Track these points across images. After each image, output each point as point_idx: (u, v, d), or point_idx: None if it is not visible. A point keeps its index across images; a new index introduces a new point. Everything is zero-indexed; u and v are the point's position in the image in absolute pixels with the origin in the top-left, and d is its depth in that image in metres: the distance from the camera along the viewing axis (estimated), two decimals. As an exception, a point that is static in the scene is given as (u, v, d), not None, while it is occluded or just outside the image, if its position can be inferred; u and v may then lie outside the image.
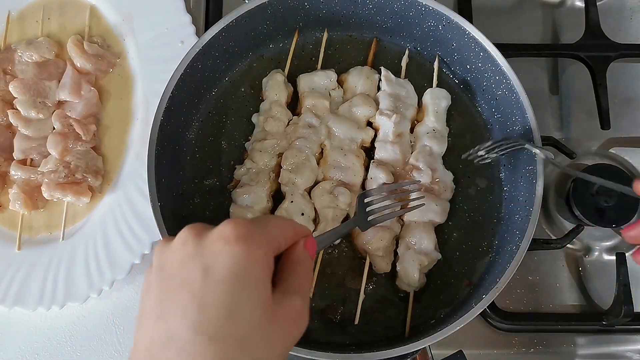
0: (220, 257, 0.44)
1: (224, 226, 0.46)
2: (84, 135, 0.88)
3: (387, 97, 0.83)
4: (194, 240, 0.46)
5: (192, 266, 0.45)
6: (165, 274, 0.46)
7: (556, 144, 0.86)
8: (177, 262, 0.46)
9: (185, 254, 0.46)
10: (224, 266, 0.44)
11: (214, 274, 0.44)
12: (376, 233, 0.78)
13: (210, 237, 0.46)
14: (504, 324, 0.84)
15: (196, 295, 0.43)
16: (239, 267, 0.44)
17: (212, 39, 0.80)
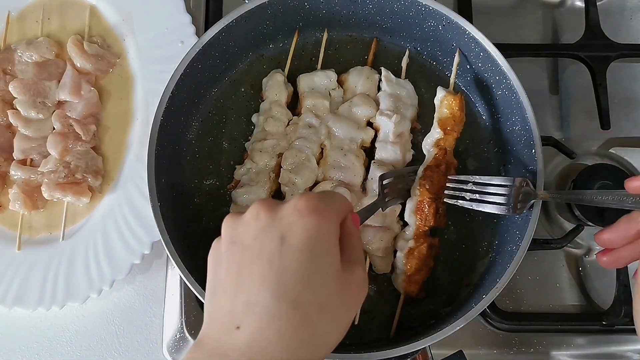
0: (295, 228, 0.47)
1: (297, 200, 0.48)
2: (84, 135, 0.88)
3: (387, 97, 0.83)
4: (267, 214, 0.48)
5: (268, 237, 0.47)
6: (239, 246, 0.48)
7: (556, 144, 0.86)
8: (251, 235, 0.48)
9: (259, 226, 0.48)
10: (299, 236, 0.46)
11: (290, 243, 0.46)
12: (376, 233, 0.78)
13: (284, 210, 0.48)
14: (504, 324, 0.84)
15: (274, 263, 0.46)
16: (314, 237, 0.47)
17: (212, 39, 0.80)
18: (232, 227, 0.50)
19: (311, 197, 0.49)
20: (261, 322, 0.44)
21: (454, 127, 0.80)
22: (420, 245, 0.77)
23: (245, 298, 0.46)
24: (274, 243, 0.46)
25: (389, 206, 0.77)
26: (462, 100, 0.80)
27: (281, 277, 0.45)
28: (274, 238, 0.47)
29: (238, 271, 0.47)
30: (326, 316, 0.46)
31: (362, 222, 0.63)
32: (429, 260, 0.77)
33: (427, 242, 0.77)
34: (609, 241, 0.62)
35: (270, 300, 0.45)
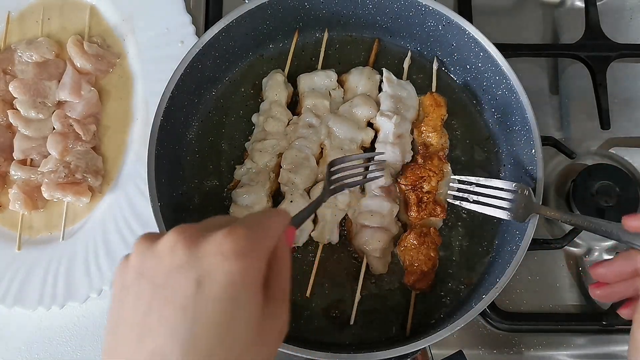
0: (217, 273, 0.41)
1: (222, 238, 0.42)
2: (84, 135, 0.88)
3: (388, 98, 0.83)
4: (185, 249, 0.42)
5: (184, 278, 0.41)
6: (149, 282, 0.42)
7: (556, 144, 0.86)
8: (164, 271, 0.42)
9: (174, 263, 0.42)
10: (220, 284, 0.40)
11: (208, 289, 0.40)
12: (374, 234, 0.78)
13: (206, 248, 0.42)
14: (504, 324, 0.84)
15: (187, 311, 0.40)
16: (237, 285, 0.41)
17: (212, 39, 0.80)
18: (143, 257, 0.43)
19: (239, 237, 0.42)
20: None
21: (429, 123, 0.83)
22: (407, 236, 0.78)
23: (152, 348, 0.40)
24: (190, 286, 0.40)
25: (334, 194, 0.74)
26: (432, 98, 0.83)
27: (194, 329, 0.39)
28: (190, 280, 0.40)
29: (146, 312, 0.41)
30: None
31: (299, 225, 0.58)
32: (427, 251, 0.77)
33: (417, 231, 0.78)
34: (604, 276, 0.61)
35: (178, 355, 0.39)
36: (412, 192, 0.79)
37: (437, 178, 0.79)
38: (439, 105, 0.83)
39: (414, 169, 0.80)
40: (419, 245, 0.77)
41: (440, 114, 0.83)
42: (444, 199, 0.81)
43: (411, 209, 0.79)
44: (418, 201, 0.79)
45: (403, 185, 0.80)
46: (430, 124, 0.83)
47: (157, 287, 0.41)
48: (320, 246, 0.80)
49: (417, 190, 0.79)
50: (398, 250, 0.80)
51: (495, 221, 0.82)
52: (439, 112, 0.83)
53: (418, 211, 0.79)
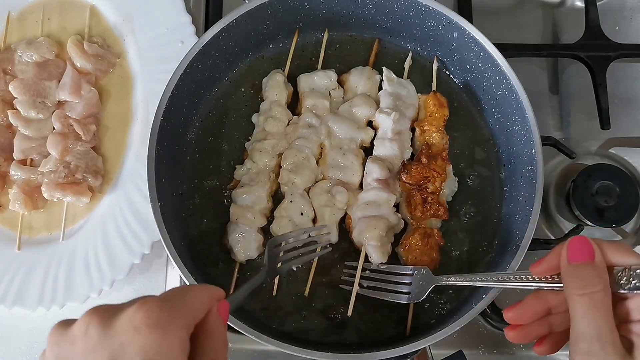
0: (129, 349, 0.39)
1: (135, 311, 0.40)
2: (84, 135, 0.88)
3: (388, 96, 0.83)
4: (97, 329, 0.41)
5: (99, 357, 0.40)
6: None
7: (556, 144, 0.86)
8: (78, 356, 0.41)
9: (88, 346, 0.40)
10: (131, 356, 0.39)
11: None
12: (369, 222, 0.77)
13: (118, 325, 0.40)
14: (504, 324, 0.83)
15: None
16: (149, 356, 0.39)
17: (212, 39, 0.80)
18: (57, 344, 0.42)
19: (152, 308, 0.40)
20: None
21: (432, 123, 0.82)
22: (411, 236, 0.78)
23: None
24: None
25: (282, 272, 0.72)
26: (435, 97, 0.83)
27: None
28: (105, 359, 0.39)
29: None
30: None
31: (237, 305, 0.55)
32: (430, 252, 0.77)
33: (421, 232, 0.78)
34: (517, 319, 0.60)
35: None
36: (417, 191, 0.79)
37: (441, 179, 0.79)
38: (442, 106, 0.83)
39: (419, 168, 0.80)
40: (422, 246, 0.77)
41: (443, 114, 0.83)
42: (445, 200, 0.81)
43: (416, 208, 0.79)
44: (423, 201, 0.79)
45: (408, 184, 0.80)
46: (434, 124, 0.83)
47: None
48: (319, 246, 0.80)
49: (422, 190, 0.79)
50: (401, 249, 0.79)
51: (495, 221, 0.82)
52: (441, 112, 0.83)
53: (423, 211, 0.78)
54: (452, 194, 0.82)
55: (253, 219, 0.78)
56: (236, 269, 0.79)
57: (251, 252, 0.79)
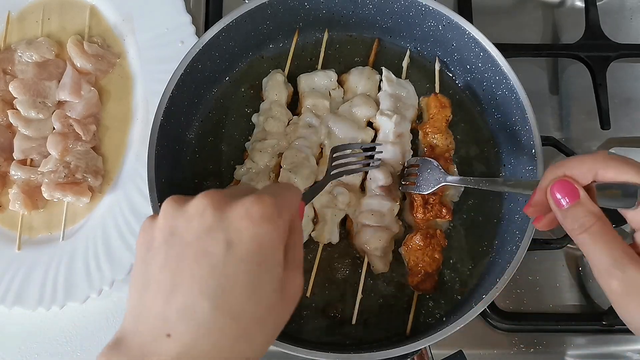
0: (245, 235, 0.43)
1: (251, 203, 0.44)
2: (84, 135, 0.88)
3: (387, 97, 0.83)
4: (214, 213, 0.44)
5: (213, 239, 0.43)
6: (179, 241, 0.44)
7: (556, 144, 0.86)
8: (194, 231, 0.44)
9: (204, 225, 0.44)
10: (248, 246, 0.43)
11: (237, 250, 0.43)
12: (375, 233, 0.78)
13: (234, 212, 0.44)
14: (504, 324, 0.84)
15: (217, 269, 0.42)
16: (264, 248, 0.44)
17: (212, 39, 0.80)
18: (173, 217, 0.46)
19: (267, 203, 0.44)
20: (197, 332, 0.41)
21: (435, 124, 0.82)
22: (413, 236, 0.78)
23: (181, 303, 0.41)
24: (220, 247, 0.43)
25: (335, 178, 0.76)
26: (436, 99, 0.83)
27: (223, 286, 0.42)
28: (220, 241, 0.43)
29: (175, 269, 0.43)
30: (263, 330, 0.44)
31: (308, 202, 0.61)
32: (432, 252, 0.77)
33: (423, 232, 0.78)
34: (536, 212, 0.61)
35: (209, 310, 0.41)
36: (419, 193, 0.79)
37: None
38: (443, 107, 0.83)
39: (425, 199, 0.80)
40: (424, 247, 0.77)
41: (445, 115, 0.82)
42: (450, 201, 0.81)
43: (417, 210, 0.79)
44: (424, 203, 0.79)
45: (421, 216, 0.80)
46: (436, 126, 0.82)
47: (187, 247, 0.43)
48: (320, 246, 0.80)
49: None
50: (403, 250, 0.80)
51: (495, 221, 0.82)
52: (443, 113, 0.82)
53: (424, 212, 0.78)
54: (458, 194, 0.82)
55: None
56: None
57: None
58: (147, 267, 0.45)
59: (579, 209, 0.52)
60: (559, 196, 0.54)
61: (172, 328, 0.41)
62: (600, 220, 0.52)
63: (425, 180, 0.78)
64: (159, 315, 0.42)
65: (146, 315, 0.43)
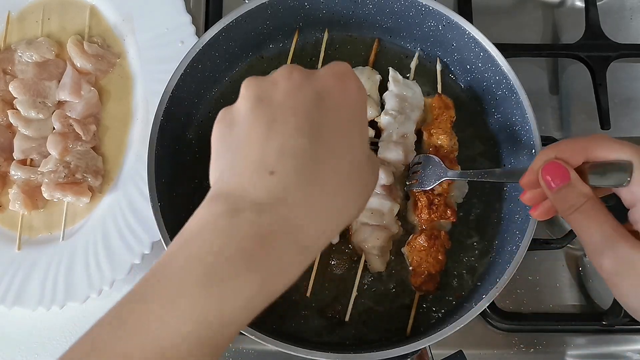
0: (333, 89, 0.44)
1: (333, 65, 0.46)
2: (84, 135, 0.88)
3: (393, 97, 0.83)
4: (301, 74, 0.45)
5: (304, 94, 0.43)
6: (267, 102, 0.44)
7: (556, 144, 0.86)
8: (283, 92, 0.44)
9: (292, 84, 0.44)
10: (338, 97, 0.44)
11: (328, 101, 0.43)
12: (373, 232, 0.78)
13: (320, 72, 0.45)
14: (504, 324, 0.84)
15: (311, 115, 0.42)
16: (350, 100, 0.45)
17: (212, 39, 0.80)
18: (257, 86, 0.46)
19: (347, 65, 0.47)
20: (298, 165, 0.40)
21: (439, 125, 0.82)
22: (418, 237, 0.78)
23: (279, 144, 0.41)
24: (311, 99, 0.43)
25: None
26: (440, 100, 0.83)
27: (320, 127, 0.42)
28: (311, 95, 0.43)
29: (269, 123, 0.42)
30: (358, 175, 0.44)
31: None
32: (436, 253, 0.77)
33: (427, 233, 0.78)
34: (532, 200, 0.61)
35: (308, 145, 0.41)
36: (424, 193, 0.79)
37: (448, 181, 0.79)
38: (447, 107, 0.82)
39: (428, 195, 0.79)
40: (428, 248, 0.77)
41: (450, 115, 0.82)
42: (454, 202, 0.81)
43: (422, 211, 0.78)
44: (429, 203, 0.78)
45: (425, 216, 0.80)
46: (441, 127, 0.82)
47: (278, 105, 0.43)
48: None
49: (428, 193, 0.79)
50: (407, 250, 0.79)
51: (495, 221, 0.82)
52: (448, 114, 0.82)
53: (429, 213, 0.78)
54: (462, 195, 0.82)
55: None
56: (236, 269, 0.79)
57: (251, 252, 0.78)
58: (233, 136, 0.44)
59: (569, 190, 0.53)
60: (549, 178, 0.54)
61: (273, 166, 0.40)
62: (590, 200, 0.52)
63: (427, 176, 0.78)
64: (257, 159, 0.41)
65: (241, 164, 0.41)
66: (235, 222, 0.38)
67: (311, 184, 0.40)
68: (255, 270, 0.37)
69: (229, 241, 0.37)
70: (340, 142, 0.43)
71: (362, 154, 0.45)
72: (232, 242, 0.37)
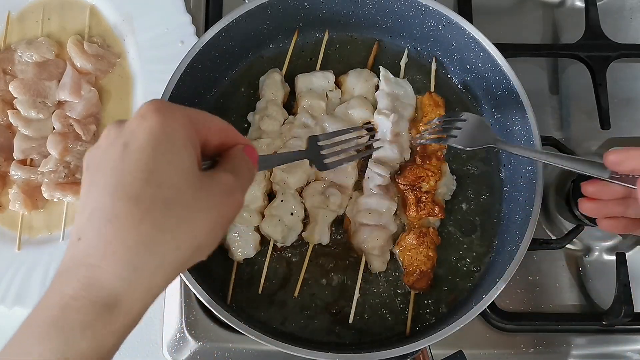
0: (138, 131, 0.45)
1: (141, 106, 0.46)
2: (84, 135, 0.88)
3: (385, 96, 0.83)
4: (115, 129, 0.46)
5: (113, 149, 0.45)
6: (91, 168, 0.46)
7: (556, 144, 0.86)
8: (100, 153, 0.46)
9: (108, 143, 0.46)
10: (141, 138, 0.44)
11: (132, 146, 0.44)
12: (372, 232, 0.78)
13: (130, 121, 0.46)
14: (504, 324, 0.84)
15: (117, 169, 0.43)
16: (156, 135, 0.44)
17: (212, 39, 0.80)
18: (88, 155, 0.48)
19: (155, 100, 0.47)
20: (100, 225, 0.42)
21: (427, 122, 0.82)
22: (406, 236, 0.78)
23: (90, 209, 0.44)
24: (118, 151, 0.44)
25: (330, 168, 0.75)
26: (430, 97, 0.83)
27: (122, 179, 0.43)
28: (118, 147, 0.44)
29: (87, 188, 0.45)
30: (173, 214, 0.43)
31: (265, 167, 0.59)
32: (426, 251, 0.77)
33: (416, 231, 0.78)
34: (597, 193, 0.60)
35: (110, 202, 0.42)
36: (411, 191, 0.79)
37: (436, 178, 0.79)
38: (437, 105, 0.83)
39: (412, 169, 0.80)
40: (417, 245, 0.78)
41: (438, 113, 0.83)
42: (442, 199, 0.81)
43: (410, 208, 0.79)
44: (417, 201, 0.79)
45: (402, 185, 0.80)
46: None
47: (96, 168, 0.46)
48: (310, 247, 0.80)
49: (416, 190, 0.79)
50: (397, 250, 0.80)
51: (495, 221, 0.82)
52: (436, 111, 0.83)
53: (417, 211, 0.79)
54: (450, 192, 0.82)
55: (249, 217, 0.78)
56: (234, 269, 0.79)
57: (248, 251, 0.79)
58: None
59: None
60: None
61: (81, 232, 0.43)
62: None
63: (471, 136, 0.71)
64: (76, 229, 0.44)
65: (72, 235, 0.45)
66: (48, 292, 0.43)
67: (112, 241, 0.42)
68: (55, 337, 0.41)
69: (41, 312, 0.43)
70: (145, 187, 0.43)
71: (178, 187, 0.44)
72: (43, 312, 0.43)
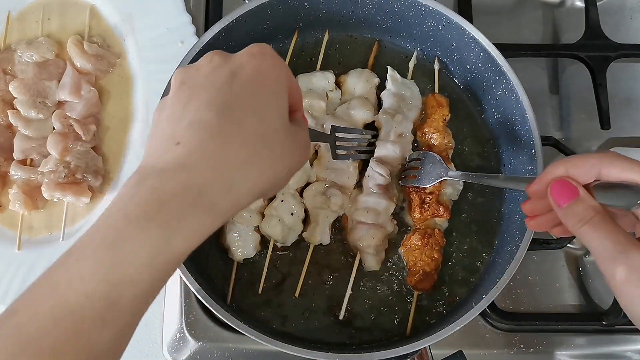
0: (247, 66, 0.47)
1: (250, 46, 0.49)
2: (84, 135, 0.88)
3: (391, 96, 0.83)
4: (221, 57, 0.48)
5: (220, 73, 0.47)
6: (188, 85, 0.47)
7: (556, 144, 0.86)
8: (203, 74, 0.48)
9: (211, 67, 0.48)
10: (250, 72, 0.47)
11: (240, 77, 0.46)
12: (368, 230, 0.78)
13: (238, 55, 0.49)
14: (504, 324, 0.84)
15: (223, 90, 0.46)
16: (264, 76, 0.47)
17: (212, 39, 0.80)
18: (183, 72, 0.49)
19: (265, 45, 0.50)
20: (204, 137, 0.44)
21: (431, 124, 0.82)
22: (411, 236, 0.78)
23: (189, 119, 0.45)
24: (226, 77, 0.46)
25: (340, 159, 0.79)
26: (434, 98, 0.83)
27: (229, 101, 0.45)
28: (226, 74, 0.47)
29: (185, 102, 0.46)
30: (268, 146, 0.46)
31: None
32: (430, 252, 0.77)
33: (421, 232, 0.78)
34: (532, 210, 0.62)
35: (215, 119, 0.44)
36: (415, 193, 0.79)
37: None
38: (440, 106, 0.83)
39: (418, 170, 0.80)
40: (422, 246, 0.77)
41: (443, 114, 0.82)
42: (447, 200, 0.81)
43: (414, 210, 0.79)
44: (421, 202, 0.79)
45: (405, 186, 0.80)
46: (433, 125, 0.83)
47: (196, 85, 0.47)
48: (311, 247, 0.80)
49: (420, 192, 0.79)
50: (402, 249, 0.80)
51: (495, 221, 0.82)
52: (441, 112, 0.82)
53: (421, 212, 0.78)
54: (457, 192, 0.82)
55: (249, 217, 0.78)
56: (234, 269, 0.79)
57: (248, 251, 0.79)
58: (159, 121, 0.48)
59: (578, 205, 0.53)
60: (558, 196, 0.54)
61: (180, 138, 0.44)
62: (600, 213, 0.52)
63: (427, 174, 0.78)
64: (169, 134, 0.45)
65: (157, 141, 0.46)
66: (140, 189, 0.44)
67: (215, 153, 0.44)
68: (155, 230, 0.41)
69: (133, 206, 0.42)
70: (250, 116, 0.46)
71: (275, 127, 0.47)
72: (136, 206, 0.42)
